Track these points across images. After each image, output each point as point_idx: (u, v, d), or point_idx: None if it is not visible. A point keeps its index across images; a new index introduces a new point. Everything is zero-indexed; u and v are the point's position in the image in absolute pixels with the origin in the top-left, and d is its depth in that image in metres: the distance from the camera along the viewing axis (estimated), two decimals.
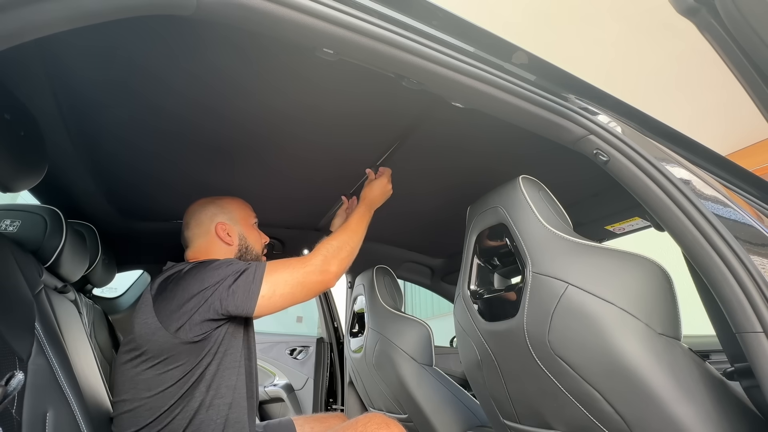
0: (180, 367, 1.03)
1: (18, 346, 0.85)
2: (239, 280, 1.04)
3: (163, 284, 1.10)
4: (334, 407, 2.44)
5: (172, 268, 1.14)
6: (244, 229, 1.30)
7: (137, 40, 0.90)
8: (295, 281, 1.09)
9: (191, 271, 1.08)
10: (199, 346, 1.04)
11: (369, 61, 0.74)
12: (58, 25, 0.52)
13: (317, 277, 1.11)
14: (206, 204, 1.30)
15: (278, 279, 1.07)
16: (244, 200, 1.37)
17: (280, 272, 1.08)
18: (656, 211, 0.83)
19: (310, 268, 1.11)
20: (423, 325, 1.75)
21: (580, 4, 2.49)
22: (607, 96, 0.94)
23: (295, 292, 1.09)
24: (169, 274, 1.12)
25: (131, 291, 2.36)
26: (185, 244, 1.29)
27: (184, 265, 1.14)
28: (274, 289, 1.06)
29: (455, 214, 1.48)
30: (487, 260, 1.19)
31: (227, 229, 1.26)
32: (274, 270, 1.08)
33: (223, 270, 1.06)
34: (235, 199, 1.35)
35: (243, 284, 1.04)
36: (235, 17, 0.63)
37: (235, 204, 1.33)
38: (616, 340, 0.82)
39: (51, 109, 1.10)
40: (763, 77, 0.71)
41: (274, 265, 1.10)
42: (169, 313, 1.03)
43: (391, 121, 1.22)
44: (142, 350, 1.04)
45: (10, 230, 1.14)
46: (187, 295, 1.03)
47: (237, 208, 1.32)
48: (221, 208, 1.29)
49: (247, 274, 1.06)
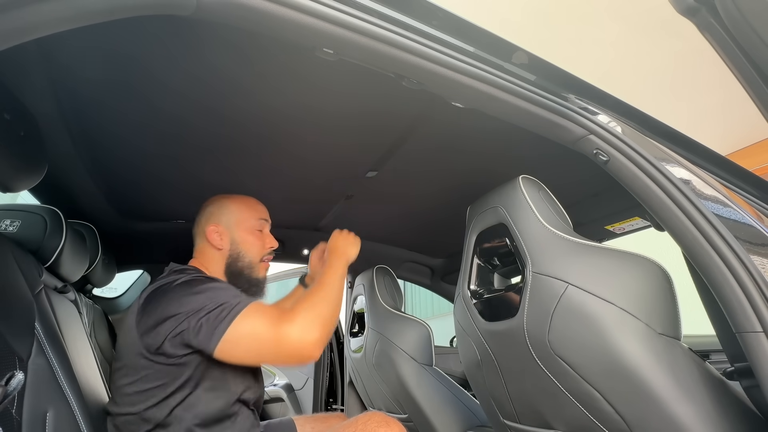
0: (158, 387, 0.97)
1: (18, 346, 0.85)
2: (212, 313, 0.94)
3: (150, 296, 1.03)
4: (334, 407, 2.44)
5: (166, 277, 1.09)
6: (238, 233, 1.21)
7: (137, 40, 0.90)
8: (264, 341, 0.94)
9: (176, 289, 1.01)
10: (178, 369, 0.97)
11: (369, 61, 0.74)
12: (58, 25, 0.52)
13: (292, 347, 0.94)
14: (211, 203, 1.26)
15: (247, 328, 0.94)
16: (255, 200, 1.29)
17: (255, 321, 0.95)
18: (656, 211, 0.83)
19: (283, 335, 0.94)
20: (423, 325, 1.75)
21: (580, 4, 2.49)
22: (607, 96, 0.94)
23: (262, 352, 0.96)
24: (159, 285, 1.05)
25: (131, 291, 2.36)
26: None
27: (176, 277, 1.06)
28: (238, 338, 0.94)
29: (455, 214, 1.48)
30: (487, 260, 1.19)
31: (219, 232, 1.20)
32: (251, 316, 0.95)
33: (204, 297, 0.98)
34: (241, 200, 1.27)
35: (213, 319, 0.94)
36: (234, 17, 0.63)
37: (237, 204, 1.25)
38: (616, 340, 0.82)
39: (51, 109, 1.10)
40: (763, 77, 0.71)
41: (255, 309, 0.97)
42: (147, 329, 0.97)
43: (391, 122, 1.22)
44: (122, 362, 1.01)
45: (10, 230, 1.14)
46: (165, 315, 0.96)
47: (238, 209, 1.24)
48: (220, 209, 1.24)
49: (222, 309, 0.95)
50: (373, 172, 1.51)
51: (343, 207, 1.83)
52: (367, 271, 1.97)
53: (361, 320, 2.00)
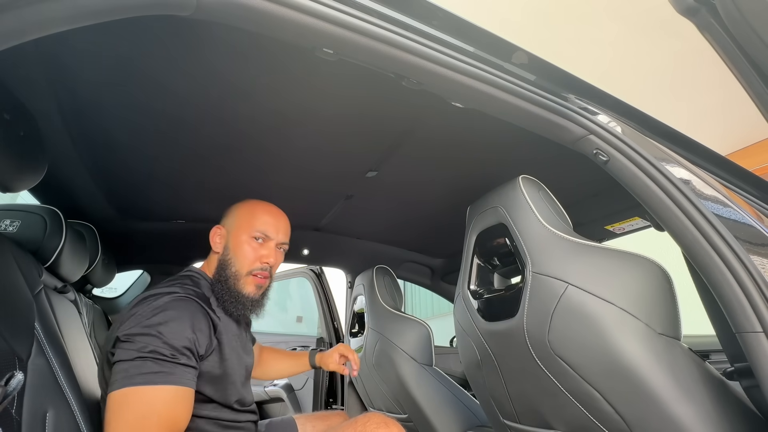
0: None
1: (18, 346, 0.85)
2: (133, 362, 0.87)
3: (137, 303, 0.98)
4: (333, 407, 2.44)
5: (157, 288, 1.04)
6: (234, 240, 1.14)
7: (137, 41, 0.90)
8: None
9: (142, 303, 0.96)
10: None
11: (369, 61, 0.74)
12: (58, 25, 0.52)
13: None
14: (230, 207, 1.22)
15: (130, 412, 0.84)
16: (270, 211, 1.19)
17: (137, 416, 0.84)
18: (656, 211, 0.83)
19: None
20: (423, 325, 1.75)
21: (580, 4, 2.49)
22: (607, 96, 0.94)
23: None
24: (148, 294, 1.00)
25: (131, 291, 2.37)
26: None
27: (159, 291, 1.01)
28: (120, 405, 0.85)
29: (455, 214, 1.48)
30: (487, 260, 1.19)
31: (220, 235, 1.17)
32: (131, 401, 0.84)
33: (145, 339, 0.89)
34: (253, 207, 1.19)
35: (128, 369, 0.87)
36: (234, 17, 0.63)
37: (245, 211, 1.18)
38: (616, 340, 0.82)
39: (51, 109, 1.10)
40: (763, 77, 0.71)
41: (155, 403, 0.86)
42: (110, 338, 0.94)
43: (391, 122, 1.22)
44: (103, 370, 0.99)
45: (10, 230, 1.14)
46: (122, 330, 0.92)
47: (242, 215, 1.18)
48: (231, 212, 1.20)
49: (136, 362, 0.86)
50: (373, 172, 1.51)
51: (343, 207, 1.83)
52: (367, 271, 1.97)
53: (361, 320, 2.00)
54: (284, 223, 1.21)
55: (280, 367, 1.56)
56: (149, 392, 0.86)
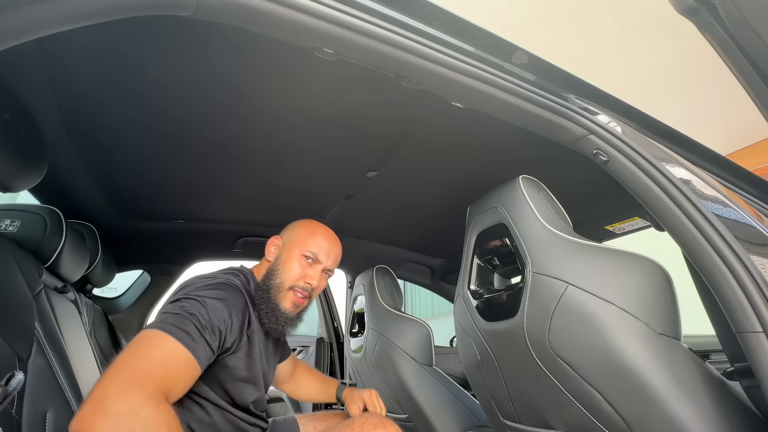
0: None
1: (18, 346, 0.85)
2: (169, 314, 0.91)
3: (194, 279, 1.07)
4: (333, 407, 2.44)
5: (214, 272, 1.13)
6: (286, 254, 1.18)
7: (138, 41, 0.90)
8: (120, 374, 0.78)
9: (199, 278, 1.05)
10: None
11: (369, 60, 0.74)
12: (58, 25, 0.52)
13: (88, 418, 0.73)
14: (293, 222, 1.28)
15: (148, 347, 0.85)
16: (329, 237, 1.23)
17: (155, 354, 0.84)
18: (656, 211, 0.83)
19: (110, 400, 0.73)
20: (423, 325, 1.75)
21: (580, 4, 2.49)
22: (607, 96, 0.94)
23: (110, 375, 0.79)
24: (206, 275, 1.10)
25: (131, 291, 2.37)
26: None
27: (216, 274, 1.10)
28: (138, 341, 0.87)
29: (455, 214, 1.48)
30: (487, 260, 1.19)
31: (276, 246, 1.21)
32: (165, 350, 0.85)
33: (185, 304, 0.94)
34: (312, 228, 1.24)
35: (164, 314, 0.92)
36: (234, 17, 0.63)
37: (304, 229, 1.23)
38: (616, 340, 0.82)
39: (51, 109, 1.10)
40: (763, 77, 0.71)
41: (179, 354, 0.87)
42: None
43: (391, 122, 1.22)
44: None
45: (10, 230, 1.14)
46: (177, 294, 1.01)
47: (299, 233, 1.22)
48: (292, 228, 1.25)
49: (176, 315, 0.90)
50: (373, 172, 1.51)
51: (343, 207, 1.83)
52: (367, 271, 1.97)
53: (361, 320, 2.00)
54: (336, 250, 1.24)
55: (309, 389, 1.53)
56: (175, 346, 0.87)
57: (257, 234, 2.11)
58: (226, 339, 0.98)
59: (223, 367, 1.02)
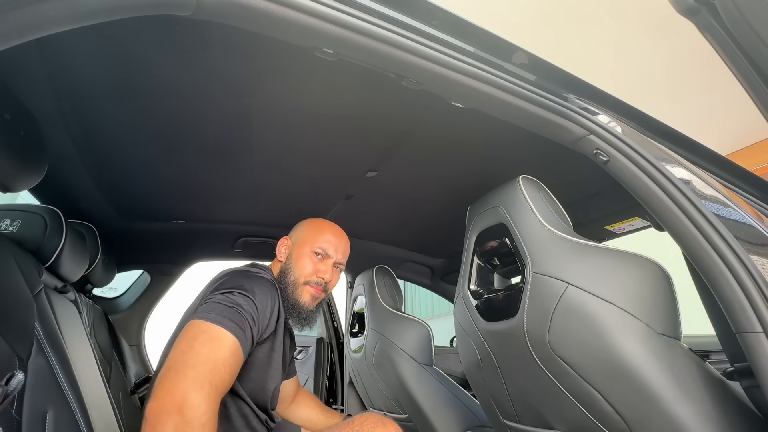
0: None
1: (18, 346, 0.85)
2: (217, 304, 0.97)
3: (230, 273, 1.13)
4: (334, 407, 2.44)
5: (242, 267, 1.20)
6: (297, 252, 1.25)
7: (138, 41, 0.90)
8: (182, 361, 0.86)
9: (235, 273, 1.11)
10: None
11: (369, 61, 0.74)
12: (58, 25, 0.52)
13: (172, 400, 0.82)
14: (300, 222, 1.35)
15: (198, 340, 0.90)
16: (335, 231, 1.30)
17: (205, 350, 0.88)
18: (656, 211, 0.83)
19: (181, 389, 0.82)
20: (423, 325, 1.75)
21: (580, 4, 2.49)
22: (607, 96, 0.93)
23: (172, 364, 0.87)
24: (238, 269, 1.16)
25: (131, 291, 2.37)
26: None
27: (248, 269, 1.17)
28: (188, 334, 0.92)
29: (455, 214, 1.48)
30: (487, 260, 1.19)
31: (286, 246, 1.28)
32: (215, 346, 0.90)
33: (231, 297, 1.00)
34: (319, 225, 1.31)
35: (213, 304, 0.97)
36: (234, 17, 0.63)
37: (311, 227, 1.30)
38: (616, 340, 0.82)
39: (51, 108, 1.10)
40: (763, 77, 0.71)
41: (230, 346, 0.92)
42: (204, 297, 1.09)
43: (391, 122, 1.22)
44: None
45: (10, 230, 1.14)
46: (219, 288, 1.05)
47: (307, 230, 1.29)
48: (299, 227, 1.31)
49: (225, 306, 0.96)
50: (373, 172, 1.51)
51: (343, 207, 1.83)
52: (367, 271, 1.97)
53: (361, 320, 2.00)
54: (345, 244, 1.30)
55: (311, 414, 1.49)
56: (237, 349, 0.93)
57: (257, 234, 2.11)
58: (264, 333, 1.05)
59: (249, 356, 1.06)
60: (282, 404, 1.46)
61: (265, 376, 1.13)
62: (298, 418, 1.49)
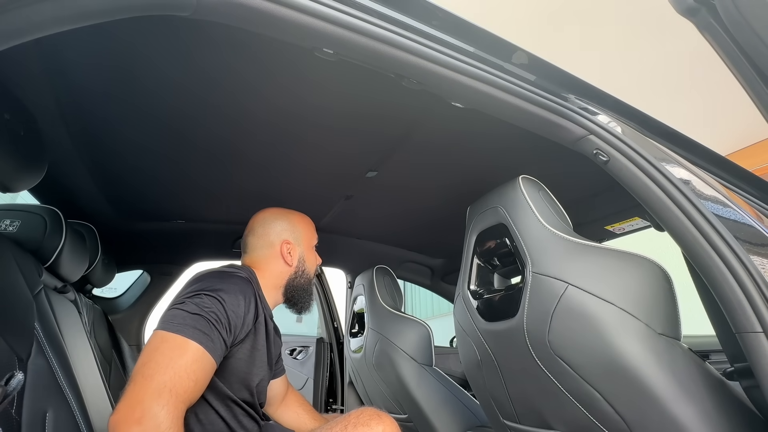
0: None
1: (18, 346, 0.85)
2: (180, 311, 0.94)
3: (203, 274, 1.10)
4: (334, 407, 2.44)
5: (218, 268, 1.16)
6: (305, 251, 1.30)
7: (137, 40, 0.90)
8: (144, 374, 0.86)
9: (207, 275, 1.08)
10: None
11: (369, 61, 0.74)
12: (58, 25, 0.52)
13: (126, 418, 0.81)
14: (277, 217, 1.29)
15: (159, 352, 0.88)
16: (310, 219, 1.38)
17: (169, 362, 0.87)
18: (656, 211, 0.83)
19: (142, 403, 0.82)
20: (423, 325, 1.75)
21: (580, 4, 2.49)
22: (607, 96, 0.93)
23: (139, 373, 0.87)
24: (212, 270, 1.13)
25: (131, 291, 2.37)
26: (243, 248, 1.28)
27: (224, 269, 1.14)
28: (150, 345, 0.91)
29: (455, 214, 1.48)
30: (487, 260, 1.19)
31: (291, 249, 1.26)
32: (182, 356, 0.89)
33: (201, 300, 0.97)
34: (304, 218, 1.35)
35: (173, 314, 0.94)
36: (234, 17, 0.63)
37: (304, 224, 1.33)
38: (616, 340, 0.82)
39: (51, 108, 1.10)
40: (763, 77, 0.71)
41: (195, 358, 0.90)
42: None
43: (391, 122, 1.22)
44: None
45: (10, 230, 1.14)
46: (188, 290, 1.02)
47: (304, 228, 1.32)
48: (291, 226, 1.30)
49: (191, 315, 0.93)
50: (373, 172, 1.51)
51: (342, 207, 1.83)
52: (367, 271, 1.97)
53: (361, 320, 2.00)
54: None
55: (301, 413, 1.44)
56: (203, 356, 0.91)
57: None
58: (239, 334, 1.03)
59: (229, 356, 1.04)
60: (271, 406, 1.44)
61: (249, 374, 1.10)
62: (287, 422, 1.46)
